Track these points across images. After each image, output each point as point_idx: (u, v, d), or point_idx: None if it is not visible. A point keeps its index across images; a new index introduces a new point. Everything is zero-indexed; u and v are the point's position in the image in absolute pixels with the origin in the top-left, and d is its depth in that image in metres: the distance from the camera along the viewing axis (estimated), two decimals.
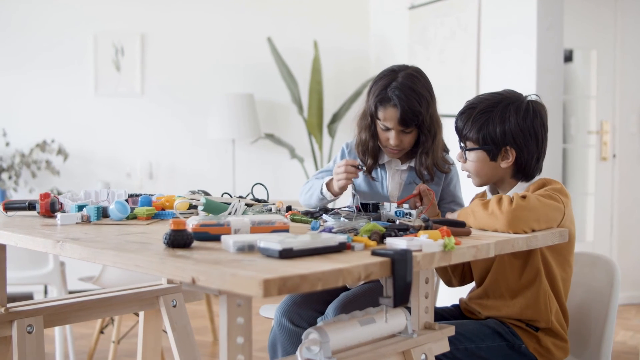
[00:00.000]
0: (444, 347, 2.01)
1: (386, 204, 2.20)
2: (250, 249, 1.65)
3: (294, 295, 2.50)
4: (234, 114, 5.62)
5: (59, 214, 2.13)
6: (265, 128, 5.93)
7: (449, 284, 2.49)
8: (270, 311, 2.56)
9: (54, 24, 5.62)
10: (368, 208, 2.20)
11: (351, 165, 2.35)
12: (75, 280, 4.13)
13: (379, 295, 2.48)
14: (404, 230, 1.85)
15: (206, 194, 2.70)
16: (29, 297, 4.97)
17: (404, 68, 2.49)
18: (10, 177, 5.28)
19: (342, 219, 1.99)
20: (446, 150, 2.62)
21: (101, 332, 3.96)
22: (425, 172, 2.52)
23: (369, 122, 2.52)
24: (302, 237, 1.65)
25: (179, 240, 1.70)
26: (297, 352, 1.70)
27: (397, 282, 1.58)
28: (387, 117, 2.45)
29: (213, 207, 2.03)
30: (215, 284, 1.45)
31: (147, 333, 2.65)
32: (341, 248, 1.66)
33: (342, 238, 1.67)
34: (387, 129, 2.47)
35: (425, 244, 1.69)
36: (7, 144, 5.40)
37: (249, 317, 1.60)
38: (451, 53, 4.99)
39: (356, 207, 2.22)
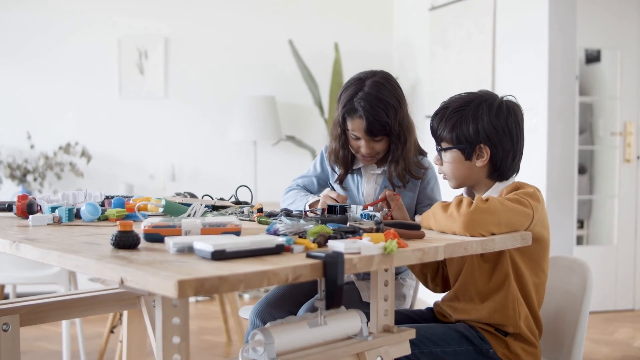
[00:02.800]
0: (404, 350, 2.00)
1: (353, 207, 2.20)
2: (190, 250, 1.67)
3: (269, 296, 2.52)
4: (255, 116, 5.66)
5: (30, 216, 2.18)
6: (286, 130, 5.96)
7: (434, 290, 2.47)
8: (248, 312, 2.57)
9: (78, 28, 5.74)
10: (335, 211, 2.20)
11: (341, 202, 2.34)
12: (86, 280, 4.21)
13: (352, 297, 2.49)
14: (352, 232, 1.85)
15: (192, 196, 2.73)
16: None
17: (371, 75, 2.45)
18: (35, 179, 5.40)
19: (301, 221, 1.99)
20: (423, 154, 2.59)
21: (111, 331, 4.02)
22: (396, 179, 2.49)
23: (339, 132, 2.50)
24: (241, 239, 1.66)
25: (124, 242, 1.73)
26: (239, 352, 1.72)
27: (328, 285, 1.58)
28: (355, 127, 2.43)
29: (173, 209, 2.06)
30: (139, 285, 1.47)
31: (131, 333, 2.69)
32: (279, 250, 1.66)
33: (280, 240, 1.67)
34: (358, 138, 2.46)
35: (364, 247, 1.68)
36: (32, 147, 5.53)
37: (186, 317, 1.62)
38: (469, 54, 4.95)
39: (323, 210, 2.22)
